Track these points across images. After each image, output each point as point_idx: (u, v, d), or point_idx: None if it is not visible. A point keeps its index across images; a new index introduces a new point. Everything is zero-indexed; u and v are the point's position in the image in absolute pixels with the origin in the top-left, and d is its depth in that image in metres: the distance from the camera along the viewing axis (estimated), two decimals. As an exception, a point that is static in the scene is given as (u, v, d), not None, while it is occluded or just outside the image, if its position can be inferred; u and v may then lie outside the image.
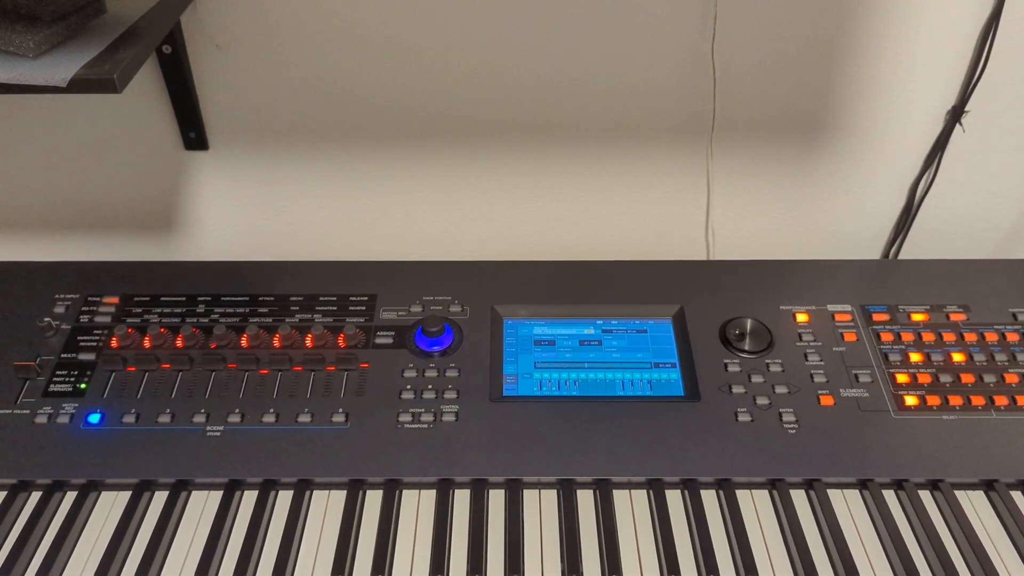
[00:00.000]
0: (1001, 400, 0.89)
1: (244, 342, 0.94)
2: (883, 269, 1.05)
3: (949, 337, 0.95)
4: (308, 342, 0.95)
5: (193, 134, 1.12)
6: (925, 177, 1.17)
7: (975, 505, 0.83)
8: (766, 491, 0.85)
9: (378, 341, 0.95)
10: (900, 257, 1.25)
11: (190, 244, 1.23)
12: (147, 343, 0.94)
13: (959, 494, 0.84)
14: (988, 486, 0.84)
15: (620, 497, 0.84)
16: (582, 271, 1.04)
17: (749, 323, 0.96)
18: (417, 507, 0.83)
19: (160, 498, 0.84)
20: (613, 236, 1.24)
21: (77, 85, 0.78)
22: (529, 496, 0.84)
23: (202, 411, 0.88)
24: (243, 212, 1.20)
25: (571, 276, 1.03)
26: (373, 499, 0.84)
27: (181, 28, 1.02)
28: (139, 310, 0.98)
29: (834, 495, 0.84)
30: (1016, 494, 0.84)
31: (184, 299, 0.99)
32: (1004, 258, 1.23)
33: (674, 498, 0.84)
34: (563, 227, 1.23)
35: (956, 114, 1.10)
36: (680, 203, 1.21)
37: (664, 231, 1.24)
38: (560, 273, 1.03)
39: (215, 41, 1.03)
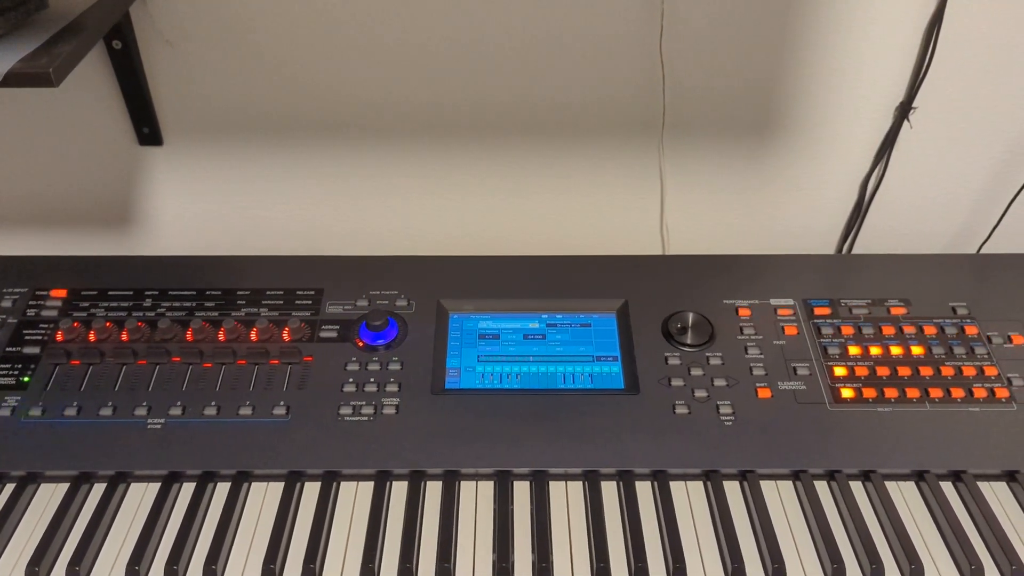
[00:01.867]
0: (936, 392, 0.90)
1: (189, 336, 0.95)
2: (829, 264, 1.06)
3: (888, 331, 0.96)
4: (253, 336, 0.95)
5: (147, 129, 1.12)
6: (875, 173, 1.18)
7: (906, 496, 0.84)
8: (701, 483, 0.86)
9: (323, 335, 0.96)
10: (854, 252, 1.26)
11: (146, 240, 1.23)
12: (92, 337, 0.94)
13: (891, 485, 0.85)
14: (919, 477, 0.85)
15: (556, 489, 0.85)
16: (530, 266, 1.04)
17: (691, 317, 0.97)
18: (354, 499, 0.84)
19: (98, 490, 0.84)
20: (567, 233, 1.24)
21: (12, 79, 0.78)
22: (466, 488, 0.85)
23: (144, 404, 0.88)
24: (199, 208, 1.20)
25: (519, 271, 1.04)
26: (311, 491, 0.84)
27: (132, 24, 1.02)
28: (86, 304, 0.98)
29: (768, 486, 0.85)
30: (946, 485, 0.85)
31: (131, 293, 1.00)
32: (955, 252, 1.25)
33: (609, 489, 0.85)
34: (517, 224, 1.24)
35: (904, 110, 1.11)
36: (634, 200, 1.22)
37: (619, 228, 1.25)
38: (508, 268, 1.04)
39: (165, 37, 1.04)
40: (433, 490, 0.85)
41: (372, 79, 1.07)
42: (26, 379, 0.91)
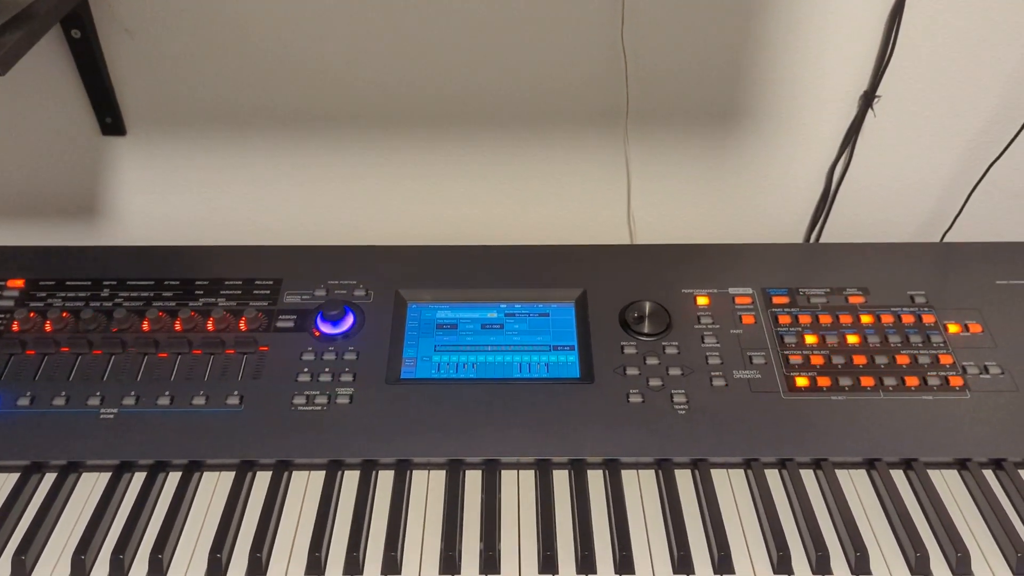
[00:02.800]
0: (890, 381, 0.90)
1: (145, 326, 0.95)
2: (790, 253, 1.06)
3: (846, 319, 0.95)
4: (209, 326, 0.95)
5: (109, 119, 1.12)
6: (841, 162, 1.18)
7: (856, 484, 0.84)
8: (652, 471, 0.86)
9: (279, 325, 0.95)
10: (823, 241, 1.26)
11: (109, 230, 1.23)
12: (48, 327, 0.94)
13: (842, 473, 0.85)
14: (871, 465, 0.85)
15: (507, 478, 0.85)
16: (490, 256, 1.04)
17: (648, 306, 0.96)
18: (305, 488, 0.84)
19: (49, 480, 0.84)
20: (533, 223, 1.24)
21: (-44, 68, 0.78)
22: (418, 477, 0.85)
23: (97, 394, 0.88)
24: (163, 198, 1.20)
25: (479, 261, 1.03)
26: (262, 480, 0.84)
27: (90, 12, 1.01)
28: (43, 295, 0.98)
29: (719, 475, 0.85)
30: (897, 473, 0.85)
31: (89, 283, 0.99)
32: (922, 241, 1.24)
33: (561, 478, 0.85)
34: (484, 215, 1.23)
35: (868, 99, 1.11)
36: (601, 190, 1.22)
37: (586, 218, 1.25)
38: (469, 258, 1.04)
39: (124, 26, 1.03)
40: (385, 480, 0.85)
41: (334, 69, 1.07)
42: (-20, 369, 0.91)
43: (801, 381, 0.90)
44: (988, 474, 0.85)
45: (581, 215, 1.24)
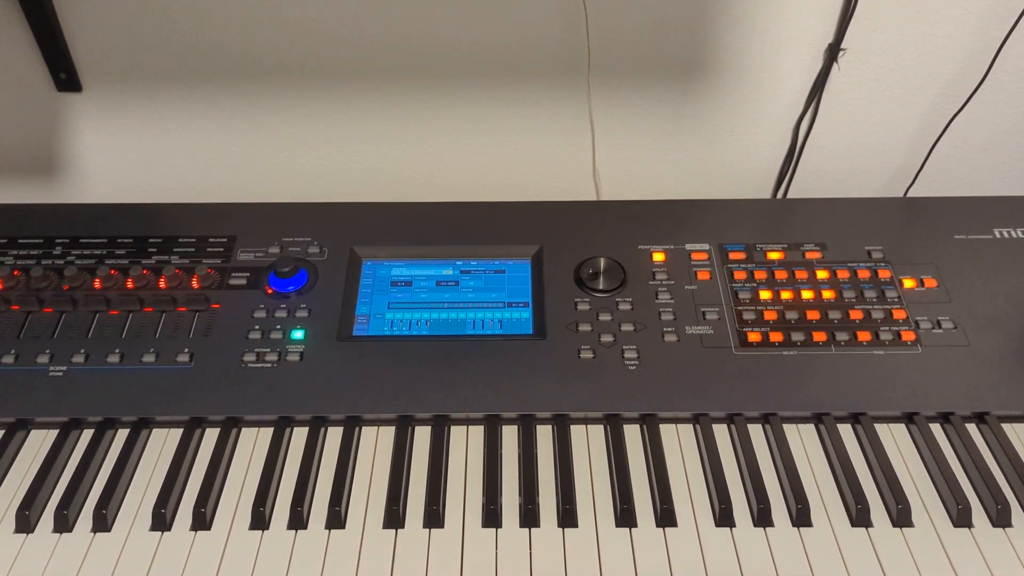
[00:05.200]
0: (842, 336, 0.89)
1: (96, 283, 0.94)
2: (752, 208, 1.05)
3: (801, 275, 0.95)
4: (161, 283, 0.94)
5: (64, 75, 1.10)
6: (807, 116, 1.16)
7: (804, 438, 0.84)
8: (601, 426, 0.86)
9: (232, 282, 0.95)
10: (790, 197, 1.25)
11: (68, 188, 1.22)
12: (-1, 285, 0.94)
13: (789, 428, 0.85)
14: (818, 419, 0.86)
15: (457, 433, 0.85)
16: (449, 213, 1.03)
17: (603, 262, 0.96)
18: (253, 445, 0.84)
19: (-2, 438, 0.84)
20: (497, 180, 1.23)
21: None
22: (367, 433, 0.85)
23: (47, 351, 0.88)
24: (122, 155, 1.19)
25: (438, 218, 1.02)
26: (210, 437, 0.84)
27: (38, -36, 0.99)
28: (-5, 252, 0.97)
29: (668, 430, 0.85)
30: (845, 427, 0.85)
31: (42, 241, 0.98)
32: (889, 196, 1.23)
33: (510, 433, 0.85)
34: (449, 172, 1.22)
35: (833, 52, 1.09)
36: (566, 146, 1.20)
37: (552, 174, 1.24)
38: (427, 215, 1.03)
39: (73, -22, 1.01)
40: (333, 436, 0.85)
41: (291, 20, 1.05)
42: (-71, 328, 0.90)
43: (753, 336, 0.90)
44: (935, 428, 0.85)
45: (546, 172, 1.23)
